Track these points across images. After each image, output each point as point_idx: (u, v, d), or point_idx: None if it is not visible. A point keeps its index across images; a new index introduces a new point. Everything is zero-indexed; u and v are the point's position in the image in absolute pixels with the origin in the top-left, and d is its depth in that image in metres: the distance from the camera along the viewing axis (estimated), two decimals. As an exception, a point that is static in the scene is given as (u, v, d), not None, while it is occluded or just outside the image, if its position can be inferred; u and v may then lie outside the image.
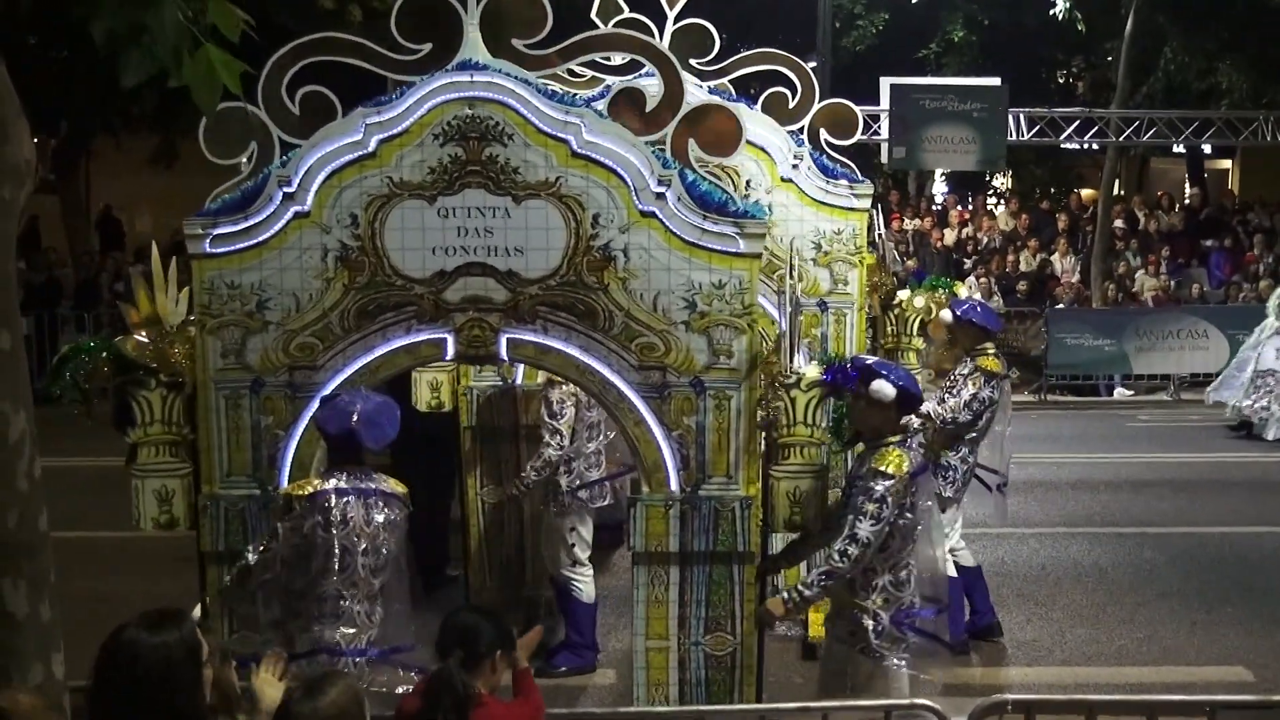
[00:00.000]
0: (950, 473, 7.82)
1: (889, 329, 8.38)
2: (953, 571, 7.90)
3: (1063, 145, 19.98)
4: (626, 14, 7.76)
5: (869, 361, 5.64)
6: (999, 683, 7.50)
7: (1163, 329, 17.14)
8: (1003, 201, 23.85)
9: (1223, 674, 7.66)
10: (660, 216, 5.46)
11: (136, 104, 15.61)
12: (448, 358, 5.60)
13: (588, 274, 5.48)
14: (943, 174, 25.35)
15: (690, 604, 5.63)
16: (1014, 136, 19.38)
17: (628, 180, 5.44)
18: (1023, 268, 19.64)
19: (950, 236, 20.72)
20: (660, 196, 5.45)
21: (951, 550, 7.82)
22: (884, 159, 19.94)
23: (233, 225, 5.40)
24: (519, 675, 4.63)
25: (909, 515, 5.50)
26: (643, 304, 5.50)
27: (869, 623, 5.39)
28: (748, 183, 7.64)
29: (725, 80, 7.98)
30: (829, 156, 7.82)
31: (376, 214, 5.42)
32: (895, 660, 5.40)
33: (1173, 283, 19.19)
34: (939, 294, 8.46)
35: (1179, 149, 22.89)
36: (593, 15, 7.89)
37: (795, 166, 7.65)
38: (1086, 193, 24.19)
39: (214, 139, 5.42)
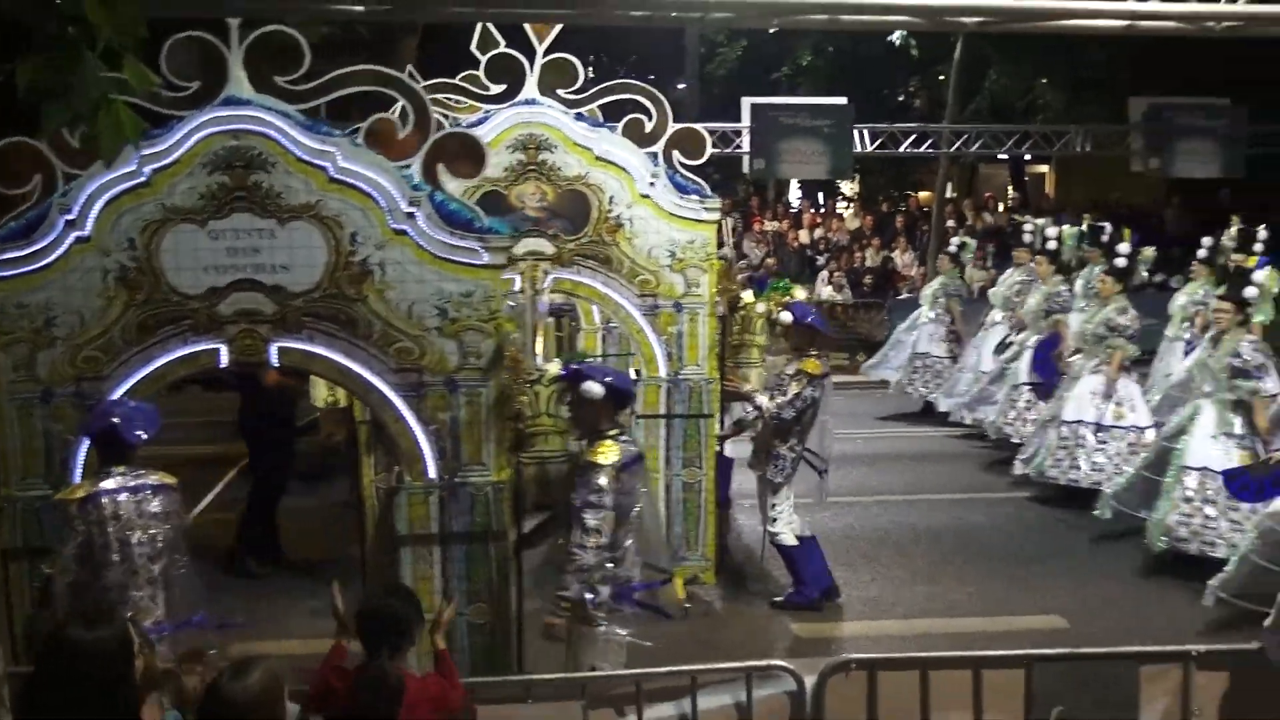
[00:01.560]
0: (780, 461, 7.84)
1: (735, 328, 8.51)
2: (793, 540, 7.91)
3: (902, 154, 19.99)
4: (502, 48, 7.85)
5: (579, 365, 5.68)
6: (847, 636, 7.54)
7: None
8: (850, 204, 24.10)
9: (1041, 622, 7.74)
10: (411, 234, 5.43)
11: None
12: (222, 365, 5.48)
13: (348, 287, 5.45)
14: (798, 181, 25.26)
15: (452, 579, 5.62)
16: (859, 148, 19.32)
17: (380, 202, 5.40)
18: (868, 263, 19.72)
19: (805, 236, 20.81)
20: (410, 216, 5.42)
21: (775, 531, 7.83)
22: (746, 170, 19.91)
23: (18, 251, 5.34)
24: (439, 656, 4.50)
25: (624, 499, 5.48)
26: (399, 312, 5.47)
27: (589, 596, 5.38)
28: (610, 198, 7.79)
29: (594, 106, 8.04)
30: (681, 175, 7.97)
31: (152, 237, 5.37)
32: (616, 629, 5.42)
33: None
34: (780, 295, 8.61)
35: (1003, 156, 22.84)
36: (473, 48, 7.97)
37: (652, 184, 7.80)
38: (923, 195, 24.32)
39: (1, 172, 5.27)
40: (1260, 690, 4.99)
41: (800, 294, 9.26)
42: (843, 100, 19.45)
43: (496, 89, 7.84)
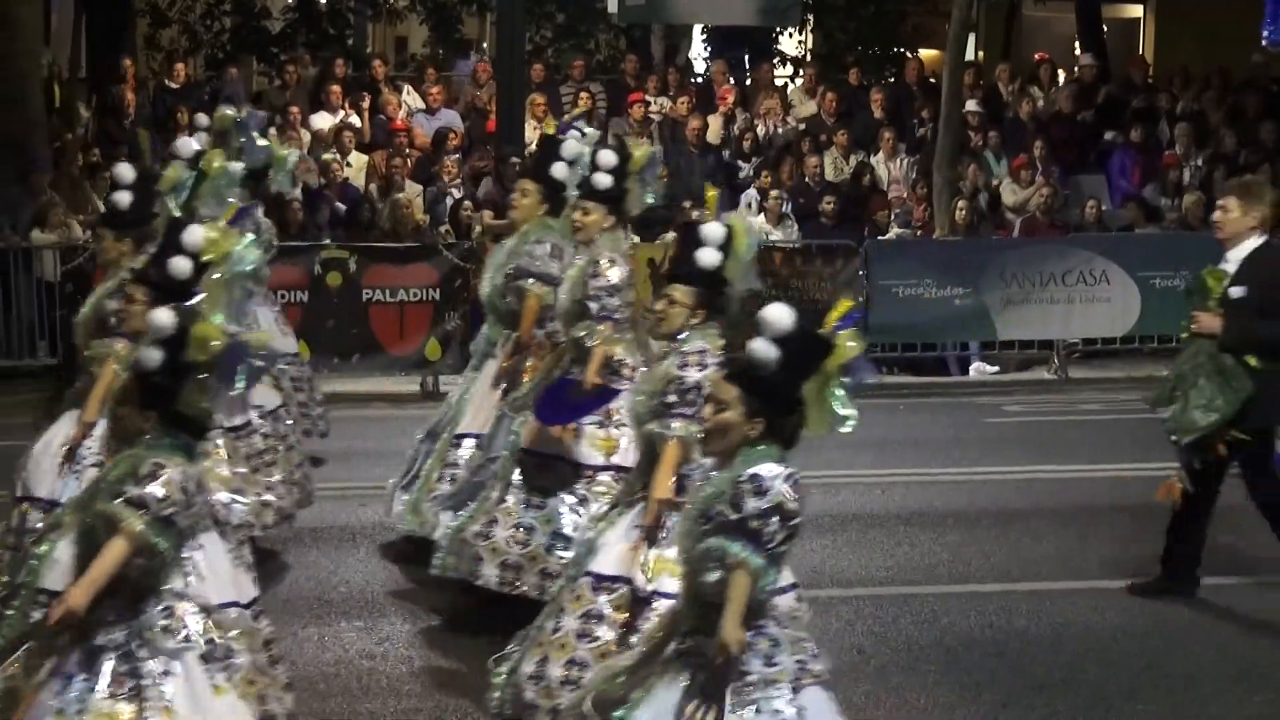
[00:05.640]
0: None
1: None
2: None
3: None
4: None
5: None
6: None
7: (1041, 271, 16.70)
8: (799, 74, 23.68)
9: None
10: None
11: None
12: None
13: None
14: (704, 32, 25.42)
15: None
16: (816, -21, 18.63)
17: None
18: (829, 174, 18.83)
19: (718, 127, 19.67)
20: None
21: None
22: (613, 8, 20.02)
23: None
24: None
25: None
26: None
27: None
28: None
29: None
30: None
31: None
32: None
33: (1057, 199, 18.59)
34: None
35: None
36: None
37: None
38: (926, 56, 24.01)
39: None
40: None
41: None
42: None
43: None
